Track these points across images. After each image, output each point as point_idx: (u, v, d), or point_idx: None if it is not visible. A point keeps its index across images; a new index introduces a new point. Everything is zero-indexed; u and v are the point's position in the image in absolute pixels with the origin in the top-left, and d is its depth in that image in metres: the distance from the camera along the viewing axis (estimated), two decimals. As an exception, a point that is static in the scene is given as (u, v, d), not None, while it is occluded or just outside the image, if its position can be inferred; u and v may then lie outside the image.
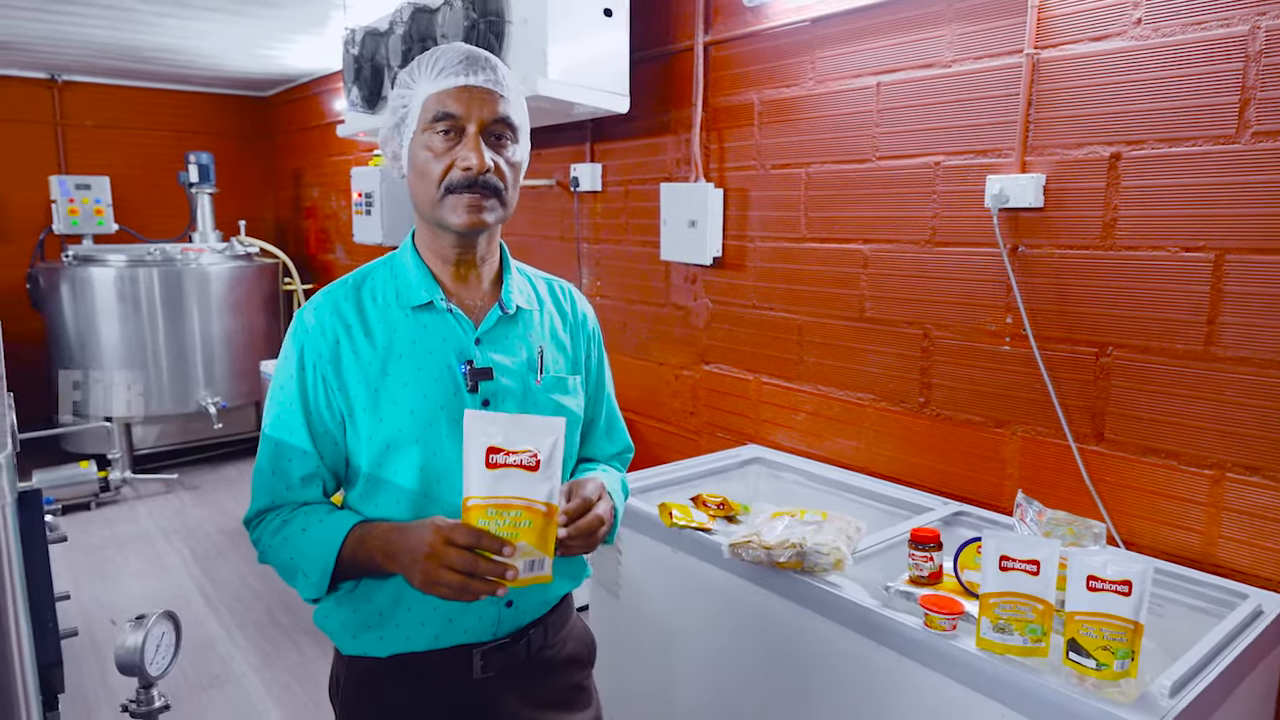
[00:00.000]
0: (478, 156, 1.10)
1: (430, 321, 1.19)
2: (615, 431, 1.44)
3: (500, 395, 1.20)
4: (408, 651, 1.18)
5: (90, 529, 4.19)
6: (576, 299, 1.38)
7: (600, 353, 1.40)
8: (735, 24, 2.52)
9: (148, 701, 1.33)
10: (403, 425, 1.14)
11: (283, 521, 1.17)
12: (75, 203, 5.08)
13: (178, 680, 2.84)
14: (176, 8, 3.64)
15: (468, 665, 1.20)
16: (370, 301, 1.19)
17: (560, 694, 1.32)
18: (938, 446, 2.12)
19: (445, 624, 1.18)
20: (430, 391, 1.16)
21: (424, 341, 1.18)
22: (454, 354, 1.18)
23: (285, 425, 1.17)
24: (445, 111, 1.11)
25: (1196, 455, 1.67)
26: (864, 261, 2.24)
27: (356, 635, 1.20)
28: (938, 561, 1.56)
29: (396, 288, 1.21)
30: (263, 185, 6.36)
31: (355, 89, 3.38)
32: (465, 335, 1.20)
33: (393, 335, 1.17)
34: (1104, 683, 1.25)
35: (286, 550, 1.15)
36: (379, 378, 1.15)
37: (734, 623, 1.80)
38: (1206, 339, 1.63)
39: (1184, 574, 1.62)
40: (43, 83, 5.40)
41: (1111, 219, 1.75)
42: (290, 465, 1.17)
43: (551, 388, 1.25)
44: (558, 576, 1.24)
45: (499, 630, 1.22)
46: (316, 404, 1.16)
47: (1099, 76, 1.74)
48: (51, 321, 4.86)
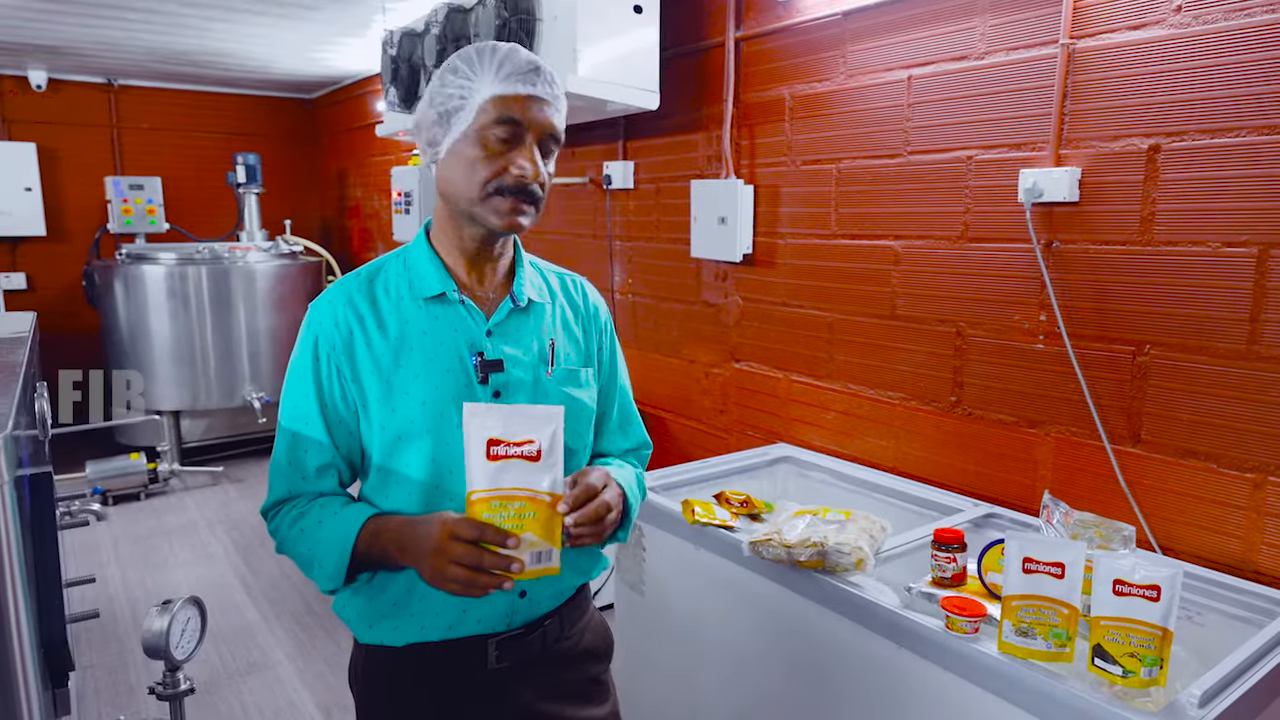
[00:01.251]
0: (534, 166, 1.12)
1: (442, 313, 1.20)
2: (630, 425, 1.43)
3: (511, 387, 1.20)
4: (423, 641, 1.19)
5: (139, 519, 4.33)
6: (588, 291, 1.38)
7: (613, 345, 1.39)
8: (767, 19, 2.50)
9: (174, 684, 1.36)
10: (414, 416, 1.15)
11: (299, 514, 1.18)
12: (129, 202, 5.25)
13: (215, 666, 2.92)
14: (223, 13, 3.74)
15: (483, 656, 1.21)
16: (383, 293, 1.20)
17: (577, 687, 1.32)
18: (969, 447, 2.07)
19: (459, 614, 1.19)
20: (441, 383, 1.16)
21: (435, 333, 1.18)
22: (465, 345, 1.19)
23: (300, 416, 1.18)
24: (511, 116, 1.10)
25: (1237, 458, 1.61)
26: (895, 258, 2.21)
27: (373, 625, 1.21)
28: (961, 563, 1.53)
29: (409, 279, 1.21)
30: (308, 185, 6.50)
31: (393, 89, 3.44)
32: (477, 327, 1.20)
33: (405, 326, 1.18)
34: (1130, 690, 1.21)
35: (303, 542, 1.16)
36: (391, 369, 1.16)
37: (755, 621, 1.79)
38: (1249, 337, 1.57)
39: (1224, 581, 1.56)
40: (101, 87, 5.59)
41: (1149, 213, 1.69)
42: (306, 456, 1.19)
43: (563, 380, 1.25)
44: (570, 569, 1.25)
45: (513, 621, 1.22)
46: (331, 395, 1.18)
47: (1137, 66, 1.68)
48: (106, 317, 5.02)
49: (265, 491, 1.23)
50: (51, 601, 0.70)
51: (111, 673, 2.88)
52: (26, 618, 0.61)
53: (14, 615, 0.58)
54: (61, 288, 5.50)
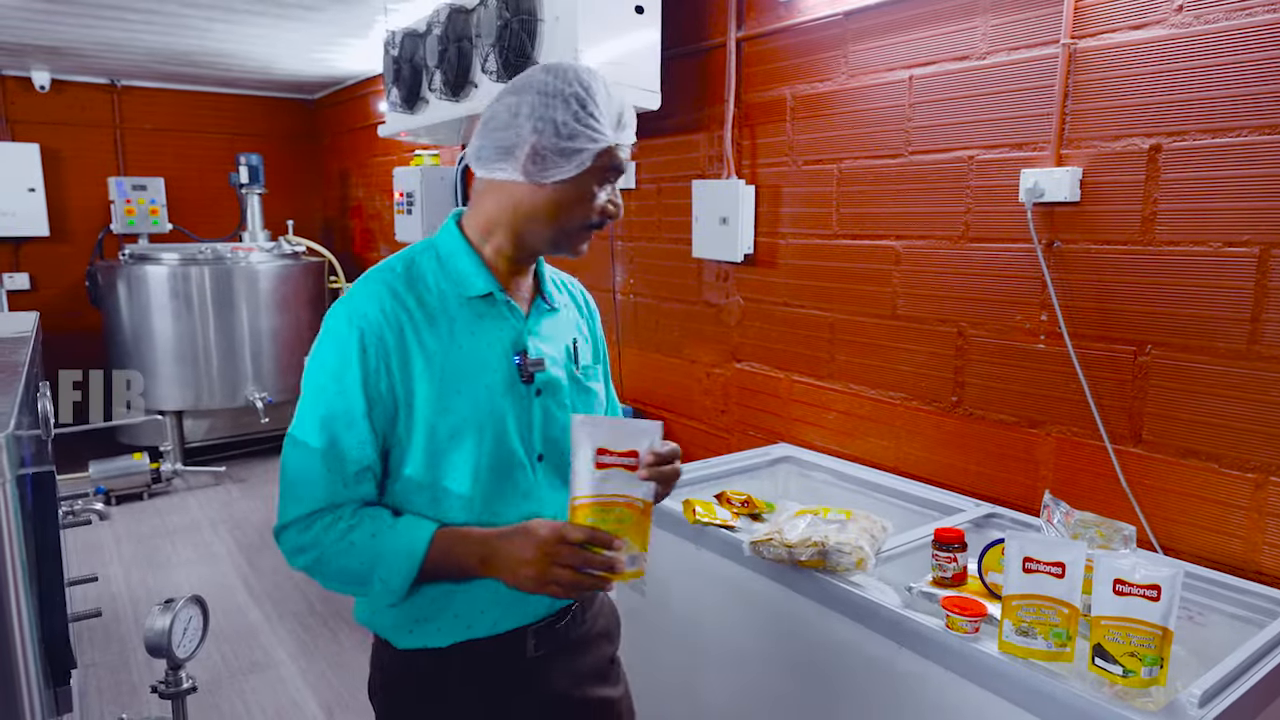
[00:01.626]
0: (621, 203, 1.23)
1: (486, 312, 1.20)
2: (613, 405, 1.47)
3: (551, 386, 1.23)
4: (469, 639, 1.19)
5: (142, 518, 4.34)
6: (585, 293, 1.43)
7: (602, 337, 1.44)
8: (768, 19, 2.50)
9: (176, 683, 1.37)
10: (466, 415, 1.15)
11: (348, 526, 1.11)
12: (132, 203, 5.26)
13: (218, 665, 2.92)
14: (224, 13, 3.75)
15: (522, 646, 1.22)
16: (425, 289, 1.18)
17: (598, 668, 1.35)
18: (970, 447, 2.07)
19: (505, 609, 1.20)
20: (491, 382, 1.17)
21: (481, 333, 1.19)
22: (510, 344, 1.21)
23: (341, 416, 1.11)
24: (618, 166, 1.19)
25: (1239, 458, 1.61)
26: (896, 258, 2.21)
27: (413, 629, 1.19)
28: (962, 562, 1.53)
29: (449, 276, 1.20)
30: (310, 186, 6.51)
31: (395, 89, 3.44)
32: (520, 326, 1.22)
33: (453, 324, 1.17)
34: (1131, 690, 1.21)
35: (354, 557, 1.10)
36: (443, 367, 1.15)
37: (756, 620, 1.79)
38: (1250, 337, 1.57)
39: (1225, 581, 1.56)
40: (104, 88, 5.61)
41: (1151, 213, 1.69)
42: (346, 461, 1.12)
43: (587, 376, 1.31)
44: None
45: (551, 608, 1.25)
46: (377, 391, 1.12)
47: (1138, 66, 1.68)
48: (108, 317, 5.04)
49: (268, 491, 1.23)
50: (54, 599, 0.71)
51: (114, 672, 2.89)
52: (28, 615, 0.61)
53: (16, 612, 0.59)
54: (64, 288, 5.52)
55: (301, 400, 1.16)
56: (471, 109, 2.95)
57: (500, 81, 2.71)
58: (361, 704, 2.71)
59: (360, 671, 2.89)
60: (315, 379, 1.14)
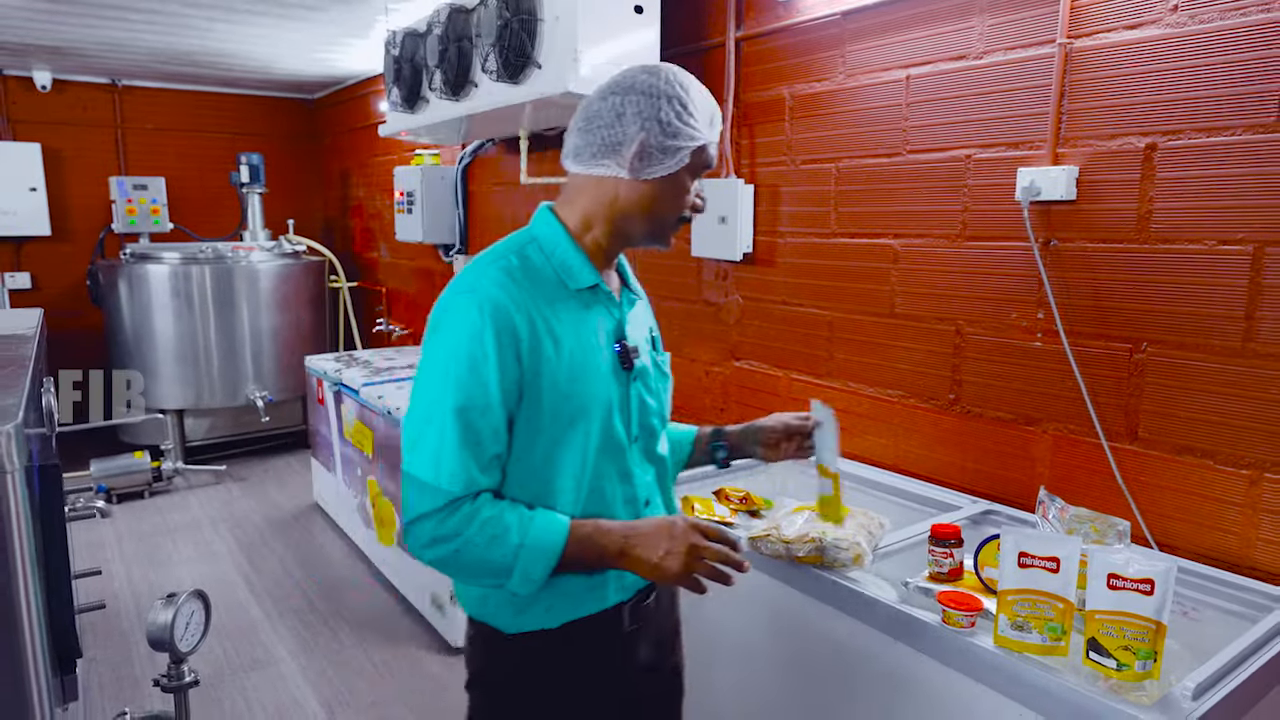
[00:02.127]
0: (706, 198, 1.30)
1: (591, 302, 1.26)
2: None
3: (642, 372, 1.31)
4: (578, 617, 1.24)
5: (143, 516, 4.35)
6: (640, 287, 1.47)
7: None
8: (767, 19, 2.52)
9: (178, 676, 1.38)
10: (585, 401, 1.20)
11: (489, 518, 1.12)
12: (133, 202, 5.28)
13: (219, 662, 2.94)
14: (225, 13, 3.76)
15: (619, 621, 1.28)
16: (542, 280, 1.21)
17: (670, 636, 1.45)
18: (967, 444, 2.09)
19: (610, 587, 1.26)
20: (602, 369, 1.23)
21: (589, 322, 1.24)
22: (612, 333, 1.27)
23: (478, 406, 1.12)
24: (709, 163, 1.25)
25: (1234, 454, 1.62)
26: (894, 257, 2.22)
27: (523, 610, 1.22)
28: (958, 558, 1.54)
29: (555, 269, 1.23)
30: (311, 185, 6.52)
31: (396, 89, 3.46)
32: (619, 315, 1.29)
33: (566, 313, 1.22)
34: (1125, 683, 1.22)
35: (498, 549, 1.11)
36: (567, 356, 1.19)
37: (753, 616, 1.80)
38: (1245, 335, 1.58)
39: (1220, 577, 1.57)
40: (105, 87, 5.62)
41: (1146, 211, 1.70)
42: (482, 447, 1.13)
43: (664, 363, 1.39)
44: None
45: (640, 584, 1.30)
46: (510, 380, 1.13)
47: (1134, 65, 1.70)
48: (110, 316, 5.05)
49: (268, 490, 1.25)
50: (60, 590, 0.72)
51: (115, 668, 2.90)
52: (37, 604, 0.62)
53: (24, 601, 0.60)
54: (66, 287, 5.53)
55: (427, 388, 1.15)
56: (471, 108, 2.97)
57: (500, 81, 2.72)
58: (361, 700, 2.72)
59: (358, 669, 2.90)
60: (447, 366, 1.13)
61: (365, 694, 2.76)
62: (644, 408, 1.31)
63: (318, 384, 4.19)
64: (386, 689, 2.79)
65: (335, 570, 3.73)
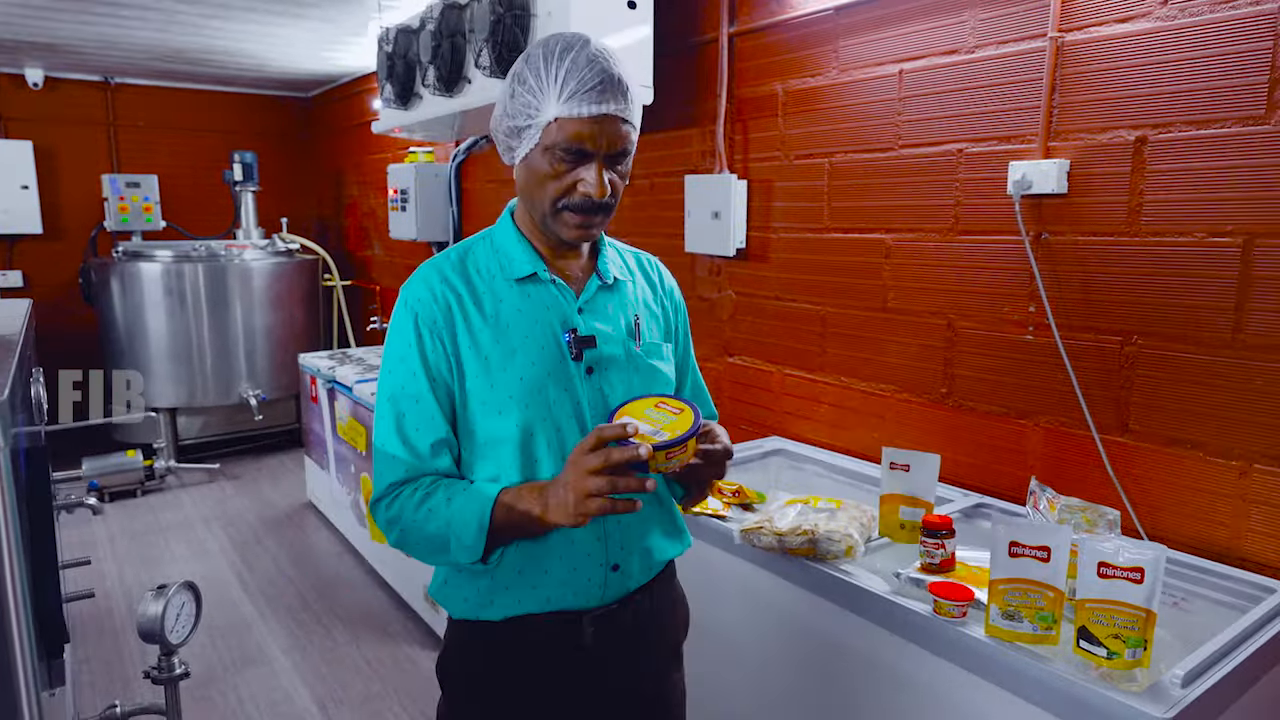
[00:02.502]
0: (599, 185, 1.12)
1: (534, 292, 1.23)
2: (701, 398, 1.48)
3: (604, 362, 1.24)
4: (522, 614, 1.21)
5: (136, 515, 4.34)
6: (664, 271, 1.42)
7: (686, 323, 1.45)
8: (760, 14, 2.52)
9: (169, 668, 1.37)
10: (513, 391, 1.17)
11: (425, 494, 1.16)
12: (125, 200, 5.25)
13: (212, 660, 2.93)
14: (219, 10, 3.75)
15: (578, 631, 1.23)
16: (475, 274, 1.23)
17: (662, 662, 1.37)
18: (959, 438, 2.09)
19: (557, 587, 1.21)
20: (538, 359, 1.19)
21: (529, 311, 1.21)
22: (558, 322, 1.22)
23: (409, 396, 1.17)
24: (576, 147, 1.10)
25: (1223, 446, 1.63)
26: (886, 251, 2.23)
27: (469, 599, 1.23)
28: (949, 549, 1.55)
29: (499, 261, 1.24)
30: (304, 183, 6.51)
31: (389, 86, 3.45)
32: (568, 305, 1.24)
33: (499, 305, 1.21)
34: (1115, 671, 1.22)
35: (433, 522, 1.14)
36: (490, 346, 1.18)
37: (745, 608, 1.80)
38: (1234, 327, 1.59)
39: (1210, 567, 1.58)
40: (97, 85, 5.59)
41: (1137, 204, 1.71)
42: (418, 435, 1.17)
43: (650, 354, 1.30)
44: (661, 542, 1.31)
45: (606, 595, 1.24)
46: (438, 369, 1.18)
47: (1124, 59, 1.70)
48: (102, 315, 5.03)
49: (261, 488, 1.25)
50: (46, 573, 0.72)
51: (107, 665, 2.89)
52: (22, 586, 0.62)
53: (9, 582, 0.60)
54: (58, 286, 5.50)
55: (379, 387, 1.23)
56: (465, 104, 2.96)
57: (494, 77, 2.72)
58: (354, 697, 2.72)
59: (352, 666, 2.90)
60: (385, 364, 1.21)
61: (359, 690, 2.75)
62: (603, 400, 1.23)
63: (311, 382, 4.18)
64: (380, 685, 2.78)
65: (329, 568, 3.72)
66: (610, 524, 1.23)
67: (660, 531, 1.32)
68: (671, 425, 1.08)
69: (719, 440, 1.23)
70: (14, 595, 0.60)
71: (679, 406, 1.12)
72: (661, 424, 1.09)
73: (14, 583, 0.59)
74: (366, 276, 5.76)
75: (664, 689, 1.37)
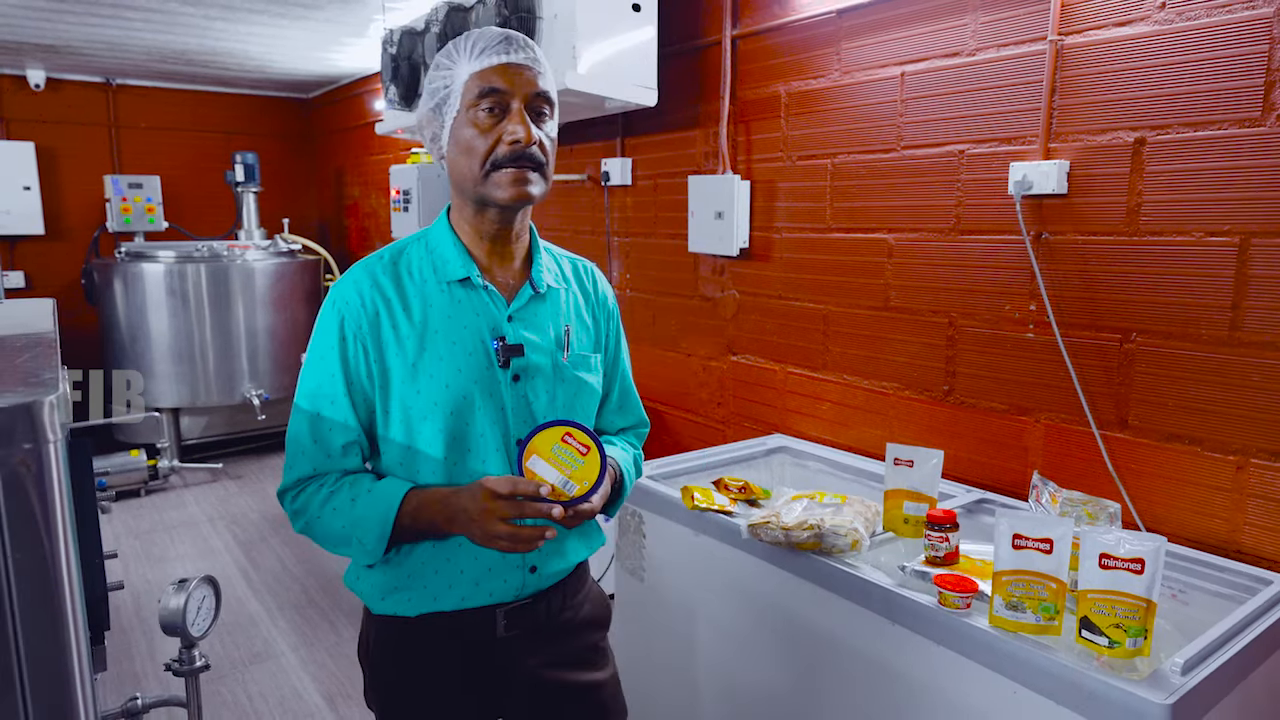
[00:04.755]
0: (525, 129, 1.15)
1: (465, 297, 1.23)
2: (628, 405, 1.50)
3: (530, 371, 1.24)
4: (435, 611, 1.23)
5: (140, 514, 4.36)
6: (598, 279, 1.42)
7: (618, 331, 1.45)
8: (763, 16, 2.55)
9: (190, 661, 1.40)
10: (438, 398, 1.18)
11: (330, 492, 1.19)
12: (128, 201, 5.27)
13: (220, 655, 2.95)
14: (222, 11, 3.77)
15: (491, 624, 1.25)
16: (407, 275, 1.23)
17: (579, 654, 1.37)
18: (961, 434, 2.12)
19: (472, 587, 1.23)
20: (464, 366, 1.20)
21: (459, 317, 1.22)
22: (487, 330, 1.23)
23: (325, 396, 1.20)
24: (491, 87, 1.14)
25: (1221, 441, 1.66)
26: (889, 251, 2.26)
27: (385, 596, 1.25)
28: (954, 542, 1.58)
29: (433, 263, 1.24)
30: (306, 184, 6.53)
31: (393, 87, 3.47)
32: (498, 312, 1.24)
33: (429, 310, 1.21)
34: (1116, 660, 1.25)
35: (337, 520, 1.17)
36: (416, 351, 1.19)
37: (753, 602, 1.83)
38: (1231, 324, 1.62)
39: (1208, 560, 1.61)
40: (99, 86, 5.61)
41: (1136, 204, 1.74)
42: (331, 435, 1.20)
43: (577, 365, 1.30)
44: (575, 543, 1.33)
45: (522, 593, 1.27)
46: (357, 373, 1.20)
47: (1123, 61, 1.74)
48: (105, 315, 5.04)
49: (265, 487, 1.27)
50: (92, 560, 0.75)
51: (117, 663, 2.91)
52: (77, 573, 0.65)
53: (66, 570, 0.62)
54: (60, 286, 5.52)
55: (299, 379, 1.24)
56: (470, 106, 2.99)
57: (499, 78, 2.74)
58: (361, 692, 2.74)
59: (357, 662, 2.92)
60: (308, 358, 1.23)
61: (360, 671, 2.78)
62: (527, 409, 1.24)
63: (315, 381, 4.20)
64: (387, 682, 2.81)
65: (333, 565, 3.74)
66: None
67: (575, 534, 1.34)
68: (579, 473, 1.13)
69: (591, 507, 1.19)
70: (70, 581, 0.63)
71: (585, 443, 1.14)
72: (570, 471, 1.13)
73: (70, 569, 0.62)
74: (368, 276, 5.78)
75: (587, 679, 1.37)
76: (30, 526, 0.62)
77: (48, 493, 0.64)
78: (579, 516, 1.15)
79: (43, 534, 0.63)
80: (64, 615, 0.63)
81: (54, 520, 0.63)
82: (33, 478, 0.63)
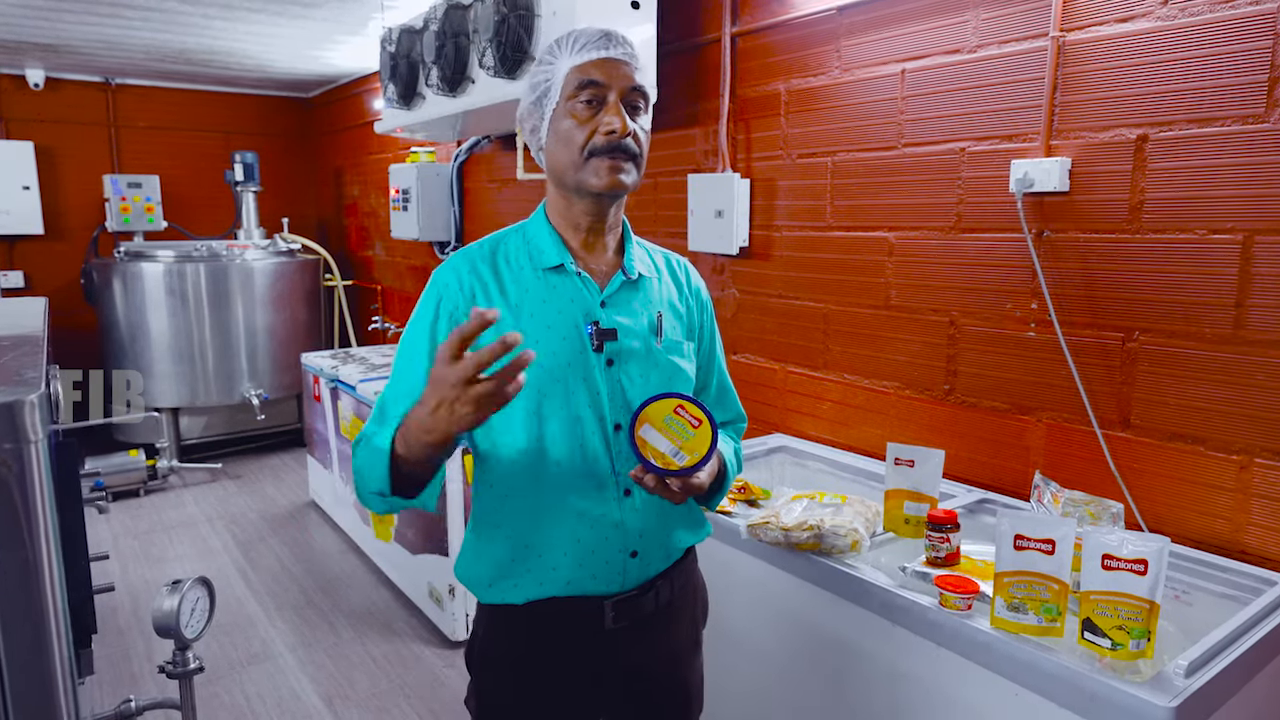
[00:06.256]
0: (620, 120, 1.18)
1: (559, 283, 1.26)
2: (727, 399, 1.50)
3: (624, 355, 1.27)
4: (542, 598, 1.24)
5: (139, 515, 4.34)
6: (691, 272, 1.45)
7: (712, 324, 1.47)
8: (763, 14, 2.54)
9: (184, 663, 1.39)
10: (531, 380, 1.18)
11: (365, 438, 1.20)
12: (127, 201, 5.26)
13: (218, 656, 2.94)
14: (222, 10, 3.76)
15: (599, 616, 1.26)
16: (504, 264, 1.27)
17: (682, 647, 1.40)
18: (962, 434, 2.11)
19: (576, 569, 1.24)
20: (559, 349, 1.23)
21: (553, 302, 1.25)
22: (581, 315, 1.25)
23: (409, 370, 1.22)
24: (589, 80, 1.18)
25: (1224, 440, 1.65)
26: (889, 249, 2.24)
27: (493, 583, 1.26)
28: (955, 543, 1.56)
29: (529, 252, 1.28)
30: (305, 184, 6.52)
31: (392, 85, 3.46)
32: (592, 298, 1.27)
33: (524, 295, 1.24)
34: (1119, 662, 1.24)
35: (356, 460, 1.19)
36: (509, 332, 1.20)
37: (752, 602, 1.82)
38: (1234, 322, 1.61)
39: (1212, 561, 1.60)
40: (98, 86, 5.60)
41: (1138, 202, 1.73)
42: (397, 408, 1.17)
43: (670, 350, 1.33)
44: (681, 529, 1.35)
45: (625, 581, 1.27)
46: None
47: (1125, 58, 1.72)
48: (104, 315, 5.04)
49: (264, 487, 1.27)
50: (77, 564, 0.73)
51: (114, 664, 2.90)
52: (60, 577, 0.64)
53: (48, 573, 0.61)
54: (59, 286, 5.51)
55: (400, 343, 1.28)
56: (469, 104, 2.98)
57: (498, 76, 2.74)
58: (360, 694, 2.73)
59: (357, 663, 2.91)
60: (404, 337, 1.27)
61: (364, 687, 2.77)
62: (623, 393, 1.25)
63: (314, 381, 4.19)
64: (386, 682, 2.80)
65: (332, 566, 3.73)
66: (628, 512, 1.26)
67: (678, 520, 1.35)
68: (690, 444, 1.13)
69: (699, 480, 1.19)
70: (51, 584, 0.61)
71: (698, 416, 1.15)
72: (681, 442, 1.13)
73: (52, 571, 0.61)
74: (368, 276, 5.77)
75: (684, 673, 1.41)
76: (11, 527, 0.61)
77: (29, 493, 0.62)
78: (687, 490, 1.15)
79: (24, 535, 0.62)
80: (46, 618, 0.62)
81: (36, 521, 0.62)
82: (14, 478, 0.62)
